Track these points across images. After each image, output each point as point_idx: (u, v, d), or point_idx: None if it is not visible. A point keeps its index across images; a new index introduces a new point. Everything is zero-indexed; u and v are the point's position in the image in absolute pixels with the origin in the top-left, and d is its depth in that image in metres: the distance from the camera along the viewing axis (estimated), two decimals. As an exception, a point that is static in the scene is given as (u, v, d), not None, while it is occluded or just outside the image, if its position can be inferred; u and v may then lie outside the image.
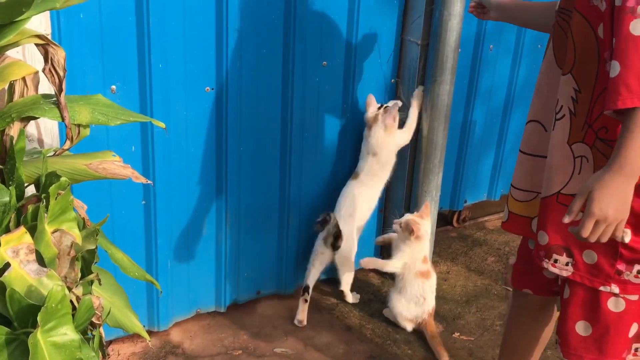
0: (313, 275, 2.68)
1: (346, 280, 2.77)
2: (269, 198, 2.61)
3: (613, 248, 1.57)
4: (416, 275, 2.58)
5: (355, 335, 2.62)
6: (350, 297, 2.80)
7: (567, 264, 1.63)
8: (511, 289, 2.08)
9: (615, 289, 1.60)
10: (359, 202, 2.66)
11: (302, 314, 2.64)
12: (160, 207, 2.36)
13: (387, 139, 2.60)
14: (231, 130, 2.39)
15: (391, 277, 2.79)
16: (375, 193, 2.71)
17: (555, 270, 1.65)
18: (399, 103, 2.60)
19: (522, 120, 3.34)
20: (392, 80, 2.71)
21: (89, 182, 1.65)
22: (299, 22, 2.38)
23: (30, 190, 1.59)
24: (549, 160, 1.65)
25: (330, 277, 2.88)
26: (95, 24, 2.02)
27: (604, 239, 1.45)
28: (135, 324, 1.91)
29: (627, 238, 1.55)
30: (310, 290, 2.68)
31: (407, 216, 2.57)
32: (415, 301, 2.59)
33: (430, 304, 2.61)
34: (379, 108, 2.60)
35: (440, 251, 3.20)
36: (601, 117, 1.53)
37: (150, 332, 2.49)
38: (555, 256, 1.65)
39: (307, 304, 2.66)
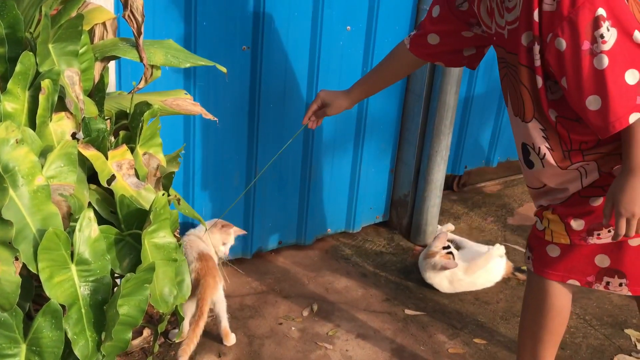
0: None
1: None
2: (292, 155, 2.80)
3: None
4: None
5: (371, 281, 2.84)
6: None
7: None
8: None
9: None
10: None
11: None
12: (198, 157, 2.55)
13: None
14: (264, 86, 2.58)
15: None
16: None
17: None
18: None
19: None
20: (408, 47, 2.91)
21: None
22: (328, -12, 2.58)
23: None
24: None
25: (345, 230, 3.11)
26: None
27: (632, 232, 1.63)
28: (185, 257, 2.09)
29: None
30: None
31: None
32: None
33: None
34: (444, 248, 2.77)
35: (443, 211, 3.42)
36: (573, 138, 1.72)
37: (183, 275, 2.68)
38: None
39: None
